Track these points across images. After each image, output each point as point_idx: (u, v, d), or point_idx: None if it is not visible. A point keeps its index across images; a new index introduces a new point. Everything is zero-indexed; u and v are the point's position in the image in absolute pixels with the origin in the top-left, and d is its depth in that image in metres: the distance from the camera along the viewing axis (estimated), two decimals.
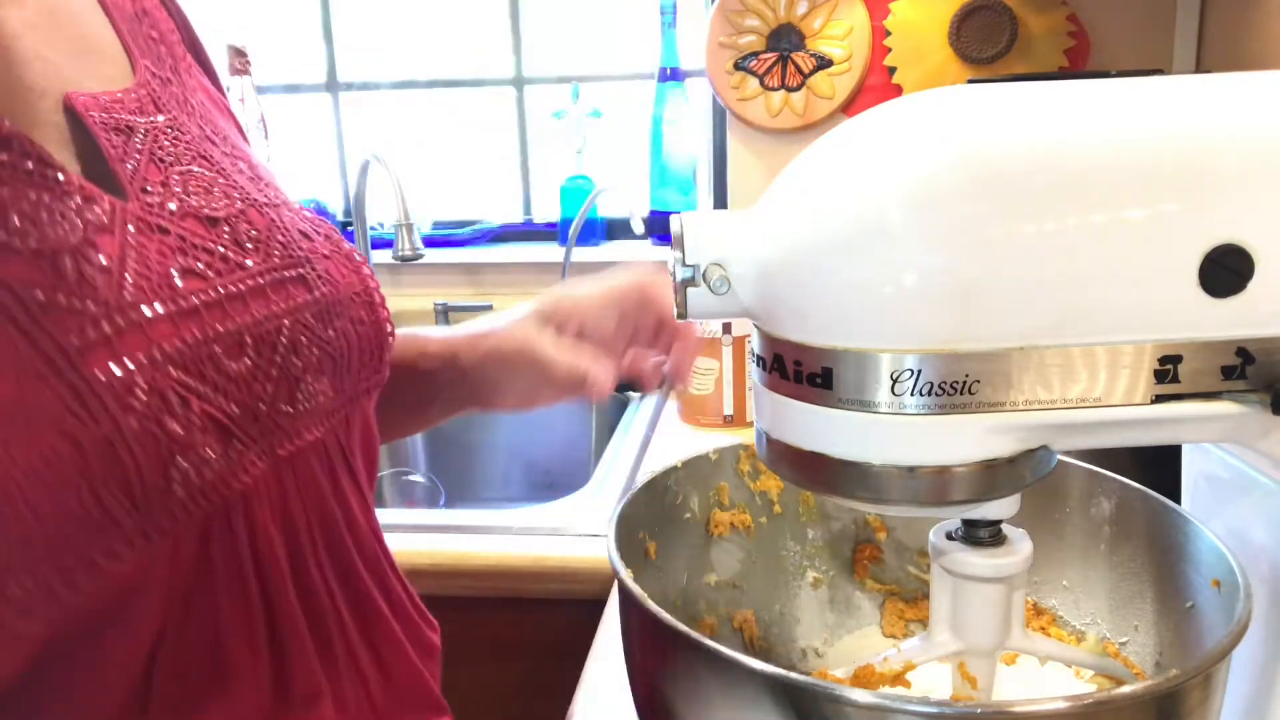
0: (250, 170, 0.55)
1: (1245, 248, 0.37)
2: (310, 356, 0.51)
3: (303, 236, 0.54)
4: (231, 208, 0.50)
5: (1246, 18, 1.20)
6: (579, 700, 0.74)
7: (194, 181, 0.50)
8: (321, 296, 0.53)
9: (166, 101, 0.52)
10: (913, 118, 0.40)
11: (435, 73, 1.80)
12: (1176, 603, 0.51)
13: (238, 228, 0.50)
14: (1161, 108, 0.39)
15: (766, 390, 0.43)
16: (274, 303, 0.49)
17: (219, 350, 0.45)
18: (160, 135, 0.50)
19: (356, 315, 0.55)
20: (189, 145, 0.51)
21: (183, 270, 0.45)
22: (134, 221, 0.44)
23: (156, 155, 0.49)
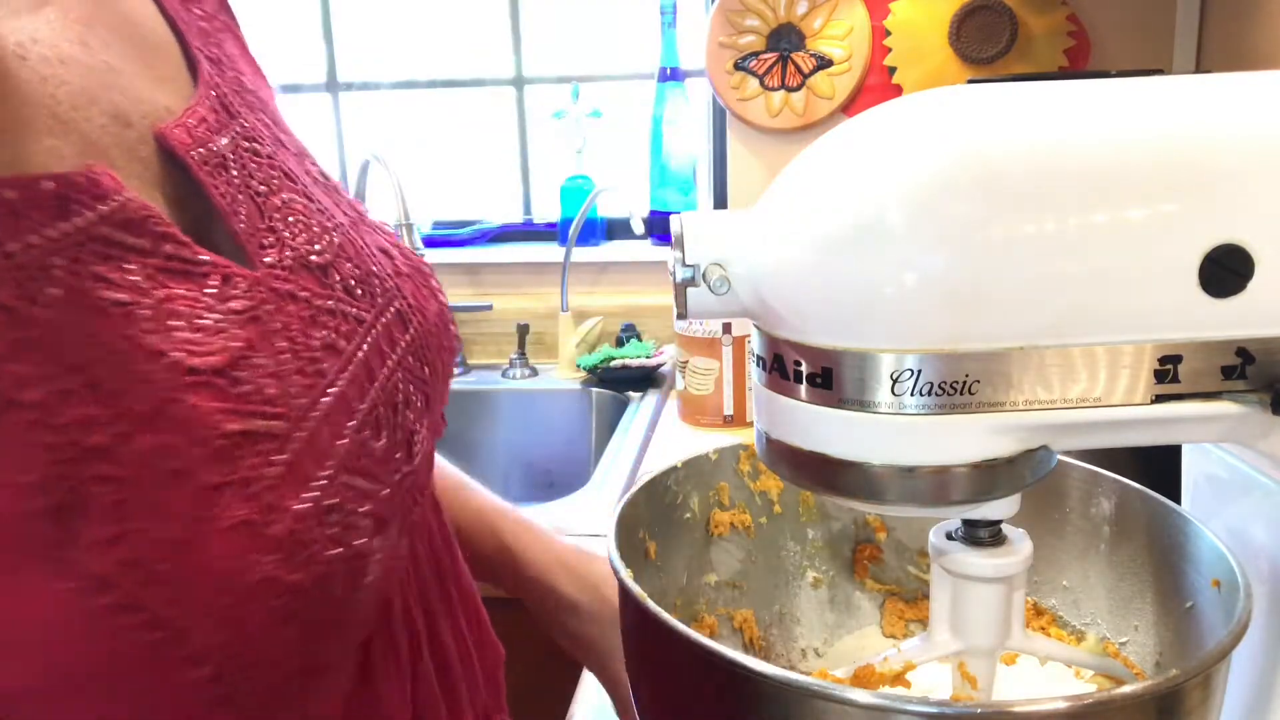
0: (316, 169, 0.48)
1: (1245, 248, 0.37)
2: (418, 405, 0.45)
3: (386, 257, 0.48)
4: (330, 245, 0.44)
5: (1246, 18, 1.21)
6: (579, 700, 0.74)
7: (292, 216, 0.43)
8: (416, 332, 0.47)
9: (230, 98, 0.45)
10: (913, 118, 0.40)
11: (435, 73, 1.80)
12: (1176, 603, 0.51)
13: (343, 270, 0.44)
14: (1161, 108, 0.39)
15: (766, 390, 0.43)
16: (388, 356, 0.44)
17: (368, 435, 0.40)
18: (245, 157, 0.43)
19: (444, 344, 0.50)
20: (271, 161, 0.44)
21: (323, 346, 0.40)
22: (271, 298, 0.39)
23: (252, 189, 0.42)
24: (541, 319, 1.65)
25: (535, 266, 1.68)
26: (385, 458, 0.41)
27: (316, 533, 0.36)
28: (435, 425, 0.50)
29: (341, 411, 0.39)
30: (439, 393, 0.49)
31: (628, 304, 1.64)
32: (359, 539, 0.38)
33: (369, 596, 0.39)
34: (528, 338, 1.61)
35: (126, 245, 0.35)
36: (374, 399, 0.41)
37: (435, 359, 0.48)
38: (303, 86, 1.81)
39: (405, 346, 0.46)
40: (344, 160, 1.84)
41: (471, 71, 1.79)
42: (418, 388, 0.46)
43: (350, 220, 0.47)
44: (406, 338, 0.46)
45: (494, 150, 1.80)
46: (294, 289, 0.40)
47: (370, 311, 0.44)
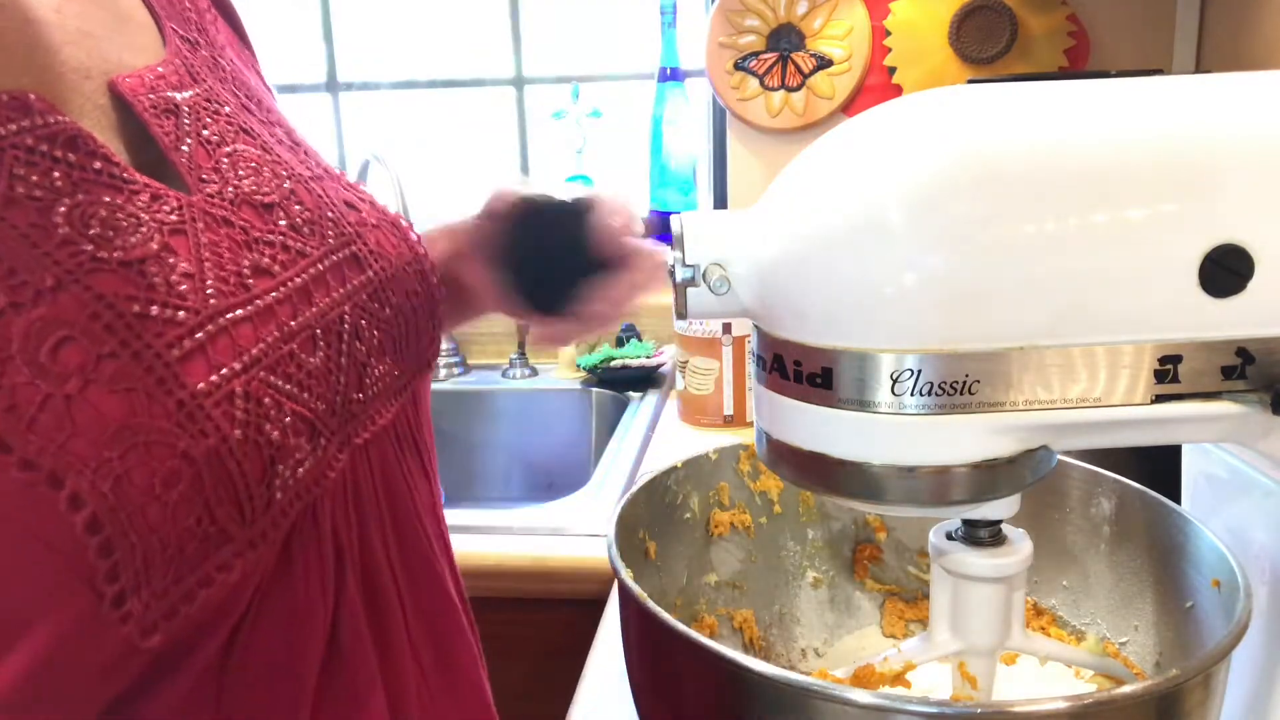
0: (288, 137, 0.53)
1: (1245, 248, 0.37)
2: (372, 340, 0.49)
3: (349, 208, 0.52)
4: (281, 188, 0.48)
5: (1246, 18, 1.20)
6: (579, 700, 0.74)
7: (242, 162, 0.47)
8: (376, 274, 0.51)
9: (199, 69, 0.50)
10: (913, 118, 0.40)
11: (435, 73, 1.80)
12: (1176, 603, 0.51)
13: (290, 211, 0.48)
14: (1161, 108, 0.39)
15: (766, 390, 0.43)
16: (334, 289, 0.48)
17: (296, 348, 0.44)
18: (202, 112, 0.47)
19: (410, 288, 0.54)
20: (230, 119, 0.49)
21: (253, 268, 0.44)
22: (201, 217, 0.43)
23: (203, 137, 0.46)
24: None
25: None
26: (320, 374, 0.45)
27: (216, 411, 0.39)
28: (412, 366, 0.53)
29: (266, 321, 0.43)
30: (407, 336, 0.53)
31: None
32: (273, 431, 0.41)
33: (286, 496, 0.42)
34: (528, 337, 1.61)
35: (53, 157, 0.39)
36: (309, 321, 0.45)
37: (402, 303, 0.52)
38: (303, 86, 1.81)
39: (359, 285, 0.49)
40: (344, 160, 1.84)
41: (471, 71, 1.79)
42: (373, 325, 0.50)
43: (314, 175, 0.51)
44: (361, 278, 0.50)
45: (494, 150, 1.80)
46: (229, 216, 0.44)
47: (318, 249, 0.48)
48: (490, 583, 0.99)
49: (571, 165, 1.71)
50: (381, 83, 1.81)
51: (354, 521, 0.48)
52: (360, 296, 0.49)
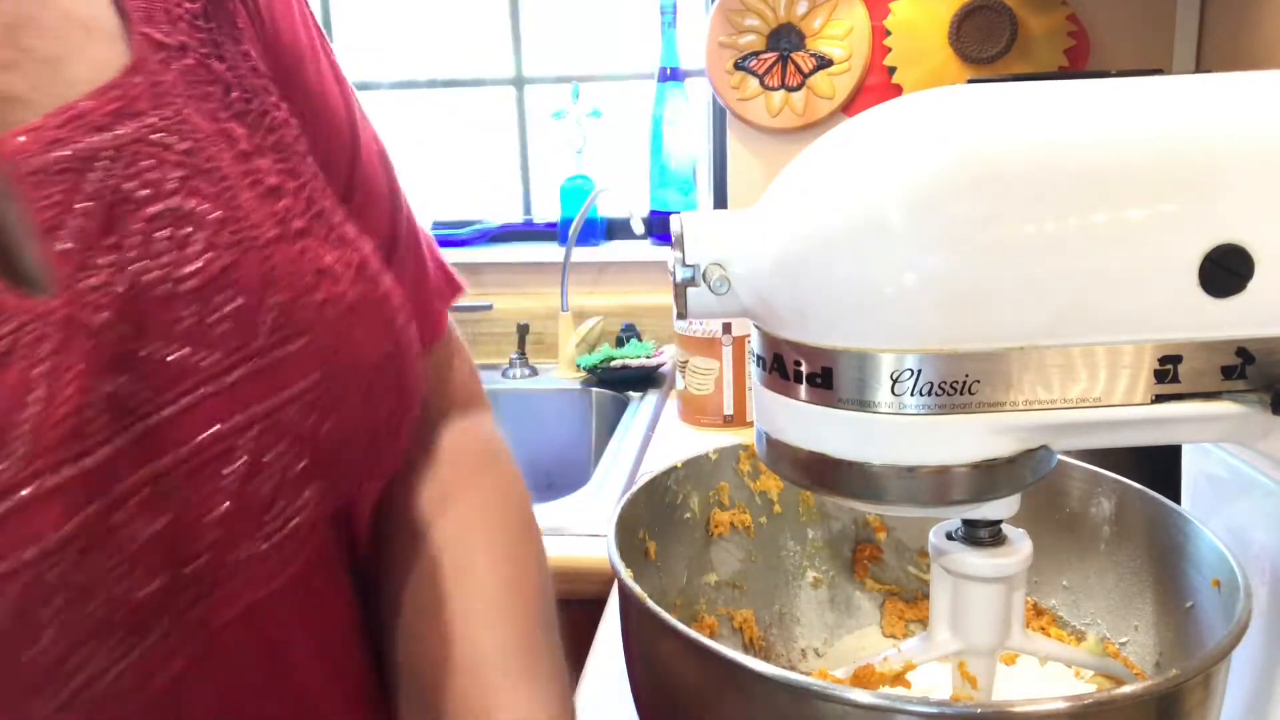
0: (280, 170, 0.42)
1: (1245, 248, 0.37)
2: (288, 467, 0.39)
3: (321, 279, 0.41)
4: (213, 265, 0.38)
5: (1246, 18, 1.20)
6: (579, 700, 0.74)
7: (169, 228, 0.37)
8: (324, 375, 0.40)
9: (171, 86, 0.39)
10: (913, 118, 0.40)
11: (435, 73, 1.80)
12: (1176, 603, 0.51)
13: (211, 300, 0.37)
14: (1161, 108, 0.39)
15: (766, 390, 0.43)
16: (239, 408, 0.37)
17: (124, 516, 0.34)
18: (141, 151, 0.37)
19: (376, 392, 0.42)
20: (185, 157, 0.39)
21: (103, 401, 0.34)
22: (57, 330, 0.34)
23: (121, 193, 0.36)
24: (541, 319, 1.65)
25: (535, 266, 1.68)
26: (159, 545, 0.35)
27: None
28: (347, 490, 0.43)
29: (95, 482, 0.34)
30: (358, 454, 0.42)
31: (628, 304, 1.64)
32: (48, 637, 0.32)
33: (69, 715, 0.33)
34: (528, 338, 1.61)
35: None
36: (166, 467, 0.36)
37: (354, 415, 0.41)
38: None
39: (289, 397, 0.39)
40: None
41: (471, 71, 1.79)
42: (297, 448, 0.39)
43: (282, 234, 0.41)
44: (299, 385, 0.39)
45: (494, 150, 1.80)
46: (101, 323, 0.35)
47: (232, 354, 0.38)
48: None
49: (571, 165, 1.71)
50: (381, 83, 1.81)
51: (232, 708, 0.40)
52: (286, 412, 0.39)
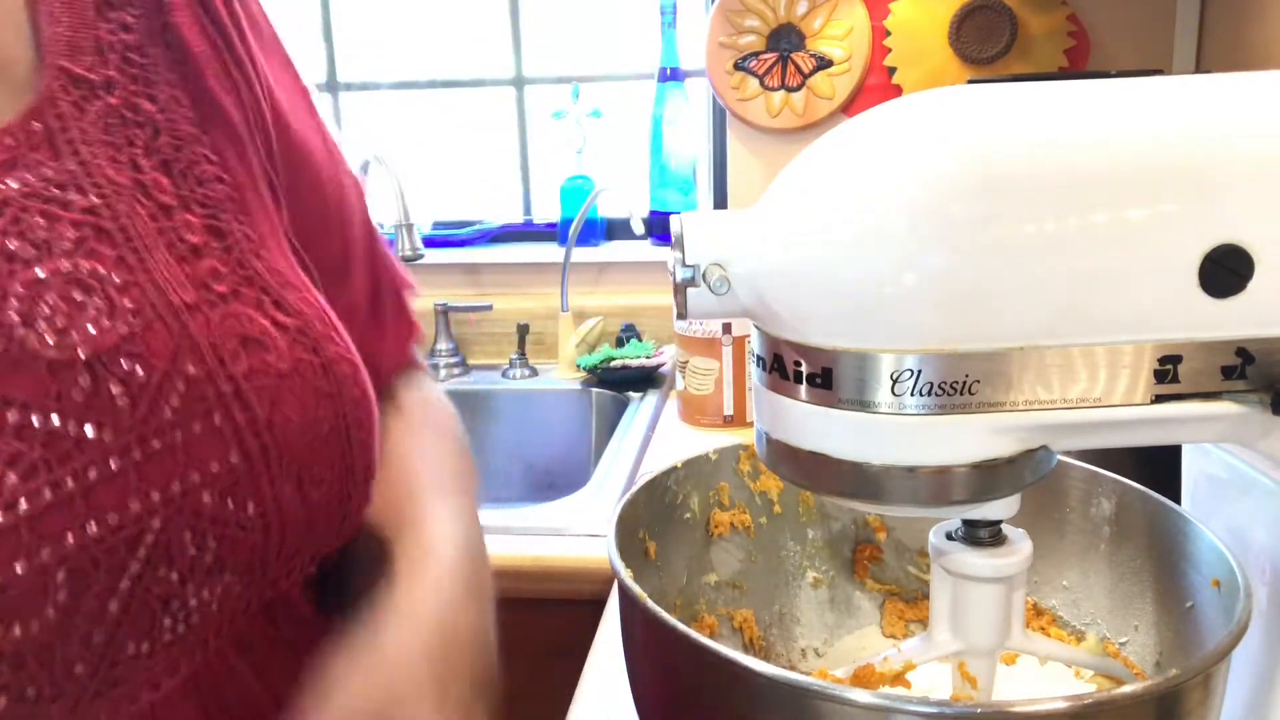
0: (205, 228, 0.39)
1: (1245, 248, 0.37)
2: (201, 556, 0.35)
3: (247, 348, 0.38)
4: (110, 334, 0.35)
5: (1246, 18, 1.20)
6: (579, 700, 0.74)
7: (56, 291, 0.34)
8: (247, 456, 0.37)
9: (81, 131, 0.36)
10: (913, 118, 0.40)
11: (435, 73, 1.80)
12: (1176, 603, 0.51)
13: (109, 370, 0.34)
14: (1161, 108, 0.39)
15: (766, 390, 0.43)
16: (139, 493, 0.34)
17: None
18: (31, 208, 0.34)
19: (314, 473, 0.39)
20: (85, 214, 0.35)
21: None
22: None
23: (5, 251, 0.33)
24: (541, 319, 1.65)
25: (535, 266, 1.68)
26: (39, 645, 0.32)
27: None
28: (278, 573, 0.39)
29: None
30: (289, 538, 0.39)
31: (628, 304, 1.64)
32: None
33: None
34: (528, 338, 1.61)
35: None
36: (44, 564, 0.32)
37: (288, 495, 0.38)
38: None
39: (204, 479, 0.36)
40: None
41: (471, 71, 1.79)
42: (216, 533, 0.36)
43: (205, 299, 0.38)
44: (213, 467, 0.36)
45: (494, 150, 1.80)
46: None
47: (134, 430, 0.34)
48: None
49: (571, 165, 1.71)
50: (381, 83, 1.81)
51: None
52: (199, 497, 0.35)
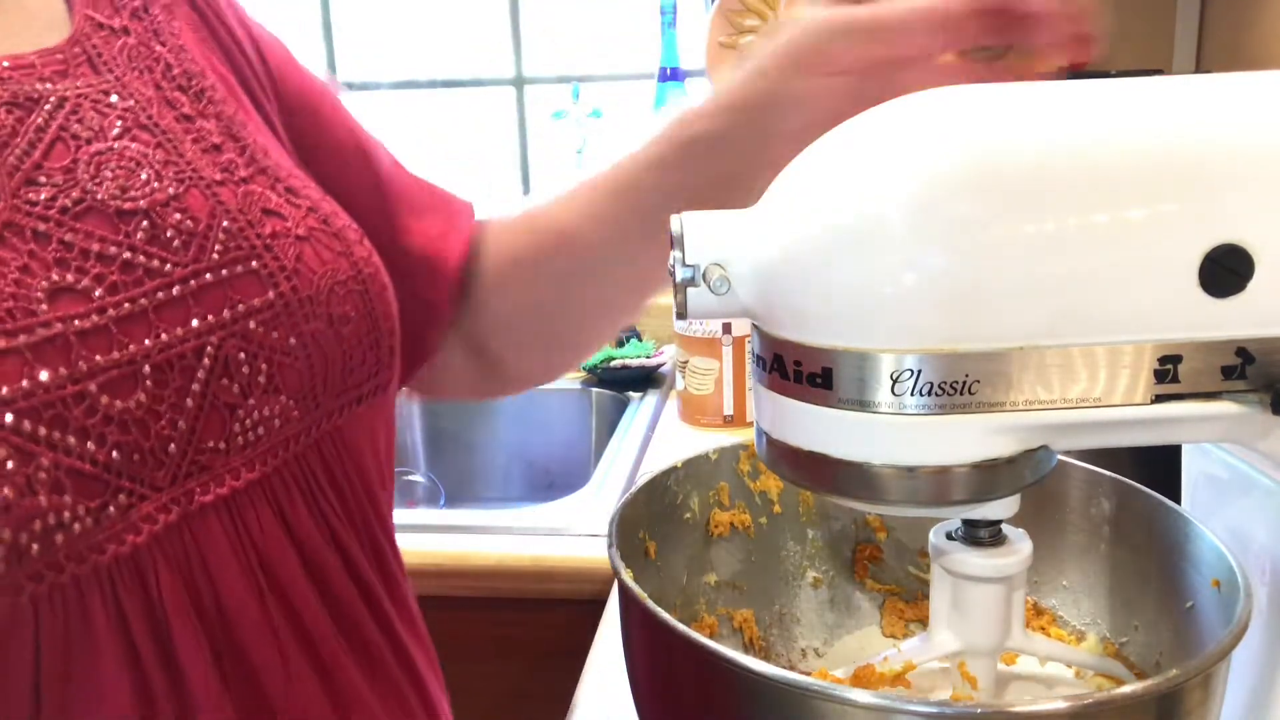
0: (221, 134, 0.47)
1: (1245, 248, 0.37)
2: (253, 376, 0.43)
3: (268, 216, 0.46)
4: (160, 193, 0.42)
5: (1246, 18, 1.20)
6: (579, 700, 0.74)
7: (114, 162, 0.42)
8: (281, 296, 0.44)
9: (112, 59, 0.45)
10: (913, 118, 0.40)
11: (435, 73, 1.80)
12: (1176, 603, 0.51)
13: (163, 219, 0.42)
14: (1161, 108, 0.39)
15: (766, 390, 0.43)
16: (199, 314, 0.41)
17: (94, 388, 0.38)
18: (84, 104, 0.42)
19: (339, 311, 0.47)
20: (126, 113, 0.44)
21: (52, 290, 0.38)
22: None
23: (68, 130, 0.41)
24: None
25: None
26: (134, 420, 0.38)
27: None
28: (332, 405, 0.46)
29: (53, 354, 0.37)
30: (328, 369, 0.46)
31: None
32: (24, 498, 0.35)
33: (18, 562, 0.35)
34: None
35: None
36: (131, 355, 0.39)
37: (321, 330, 0.45)
38: None
39: (248, 310, 0.43)
40: None
41: (471, 71, 1.79)
42: (261, 357, 0.43)
43: (228, 179, 0.46)
44: (257, 300, 0.44)
45: (494, 150, 1.80)
46: (49, 228, 0.39)
47: (188, 264, 0.42)
48: (490, 583, 0.99)
49: (571, 165, 1.71)
50: (381, 83, 1.81)
51: (205, 591, 0.41)
52: (247, 323, 0.43)
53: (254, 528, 0.44)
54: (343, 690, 0.47)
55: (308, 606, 0.46)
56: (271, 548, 0.45)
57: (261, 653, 0.44)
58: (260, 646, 0.44)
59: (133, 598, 0.39)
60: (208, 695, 0.41)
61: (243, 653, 0.43)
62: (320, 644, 0.47)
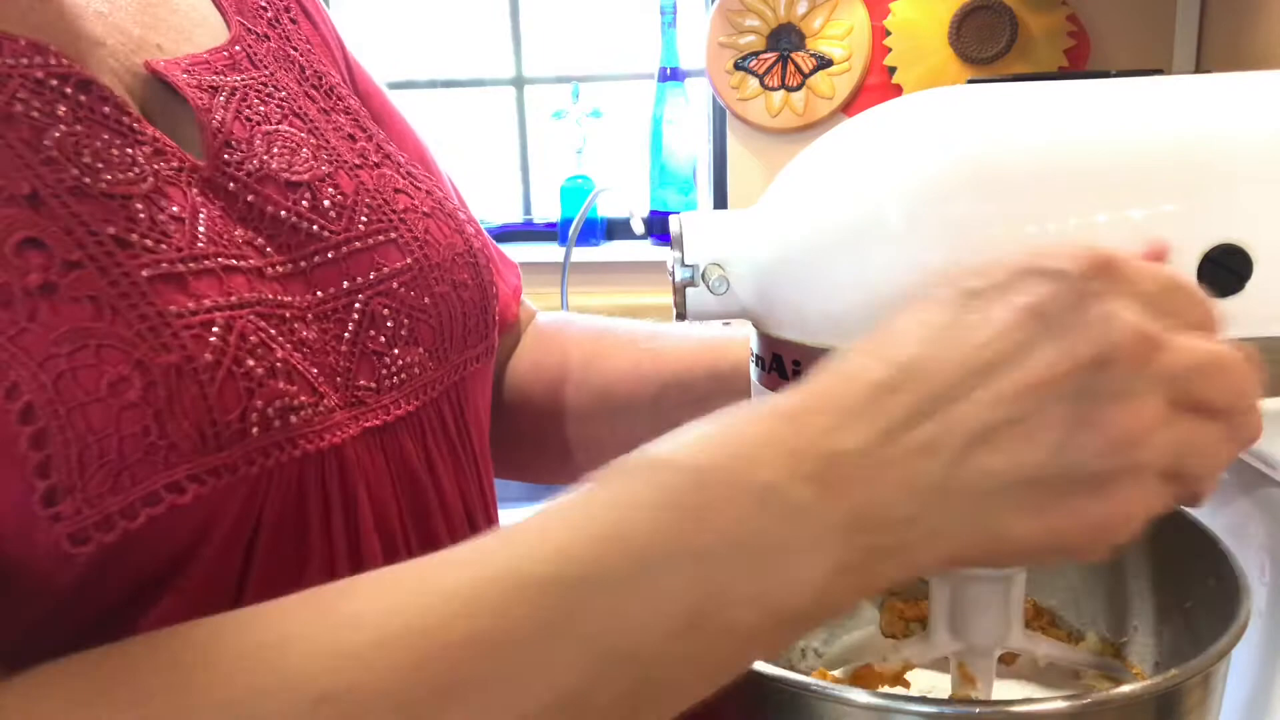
0: (352, 125, 0.54)
1: (1245, 248, 0.37)
2: (396, 329, 0.49)
3: (399, 195, 0.52)
4: (317, 170, 0.49)
5: (1246, 18, 1.21)
6: None
7: (281, 141, 0.48)
8: (416, 262, 0.51)
9: (263, 58, 0.51)
10: (913, 118, 0.40)
11: (435, 73, 1.80)
12: (1176, 603, 0.51)
13: (320, 192, 0.48)
14: (1161, 108, 0.39)
15: (766, 390, 0.43)
16: (351, 275, 0.48)
17: (289, 315, 0.44)
18: (250, 93, 0.49)
19: (459, 278, 0.53)
20: (282, 102, 0.50)
21: (244, 241, 0.44)
22: (201, 183, 0.44)
23: (244, 114, 0.47)
24: None
25: (535, 266, 1.68)
26: (317, 349, 0.44)
27: (186, 334, 0.39)
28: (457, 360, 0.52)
29: (257, 283, 0.42)
30: (452, 328, 0.52)
31: (628, 304, 1.64)
32: (256, 367, 0.40)
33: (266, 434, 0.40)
34: None
35: (62, 92, 0.40)
36: (300, 305, 0.45)
37: (447, 293, 0.52)
38: None
39: (391, 272, 0.49)
40: None
41: (471, 71, 1.79)
42: (402, 313, 0.49)
43: (365, 163, 0.52)
44: (398, 264, 0.50)
45: (494, 150, 1.80)
46: (238, 189, 0.45)
47: (341, 233, 0.48)
48: None
49: (571, 165, 1.71)
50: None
51: (372, 510, 0.46)
52: (390, 284, 0.49)
53: (399, 458, 0.48)
54: None
55: (438, 541, 0.50)
56: (415, 480, 0.50)
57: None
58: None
59: (335, 487, 0.44)
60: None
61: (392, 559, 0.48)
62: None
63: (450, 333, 0.52)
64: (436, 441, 0.51)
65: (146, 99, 0.45)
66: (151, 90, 0.45)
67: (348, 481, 0.45)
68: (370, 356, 0.47)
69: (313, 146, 0.50)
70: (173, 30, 0.48)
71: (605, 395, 0.66)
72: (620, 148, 1.74)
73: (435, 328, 0.51)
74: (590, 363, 0.67)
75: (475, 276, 0.54)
